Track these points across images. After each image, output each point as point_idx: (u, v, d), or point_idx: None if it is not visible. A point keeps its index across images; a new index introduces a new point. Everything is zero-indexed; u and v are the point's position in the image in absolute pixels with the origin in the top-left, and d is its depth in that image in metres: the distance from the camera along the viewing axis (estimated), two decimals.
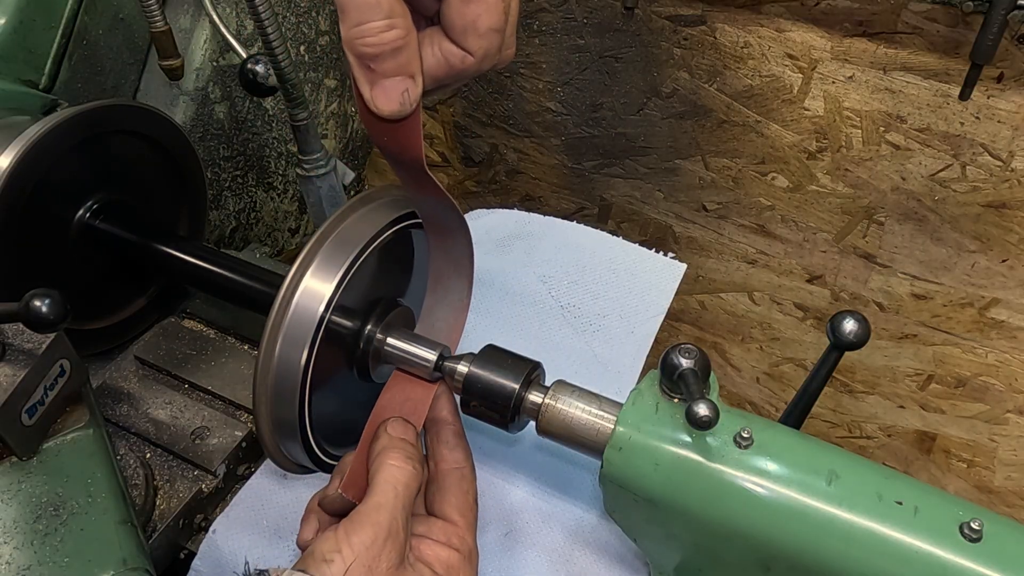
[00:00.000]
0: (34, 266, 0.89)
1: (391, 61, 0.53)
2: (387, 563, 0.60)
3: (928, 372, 1.55)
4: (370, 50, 0.52)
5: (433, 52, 0.56)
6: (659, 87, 1.50)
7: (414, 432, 0.70)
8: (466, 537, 0.68)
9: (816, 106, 1.38)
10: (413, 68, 0.54)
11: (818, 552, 0.61)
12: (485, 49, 0.56)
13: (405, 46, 0.53)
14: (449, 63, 0.56)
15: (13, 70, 1.00)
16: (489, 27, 0.54)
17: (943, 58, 1.25)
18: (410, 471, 0.65)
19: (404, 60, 0.53)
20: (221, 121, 1.31)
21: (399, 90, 0.54)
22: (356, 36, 0.52)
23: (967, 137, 1.29)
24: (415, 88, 0.55)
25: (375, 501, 0.63)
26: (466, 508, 0.70)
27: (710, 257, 1.66)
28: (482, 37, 0.55)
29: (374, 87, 0.54)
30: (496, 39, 0.55)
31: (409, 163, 0.65)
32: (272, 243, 1.55)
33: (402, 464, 0.65)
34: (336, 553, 0.59)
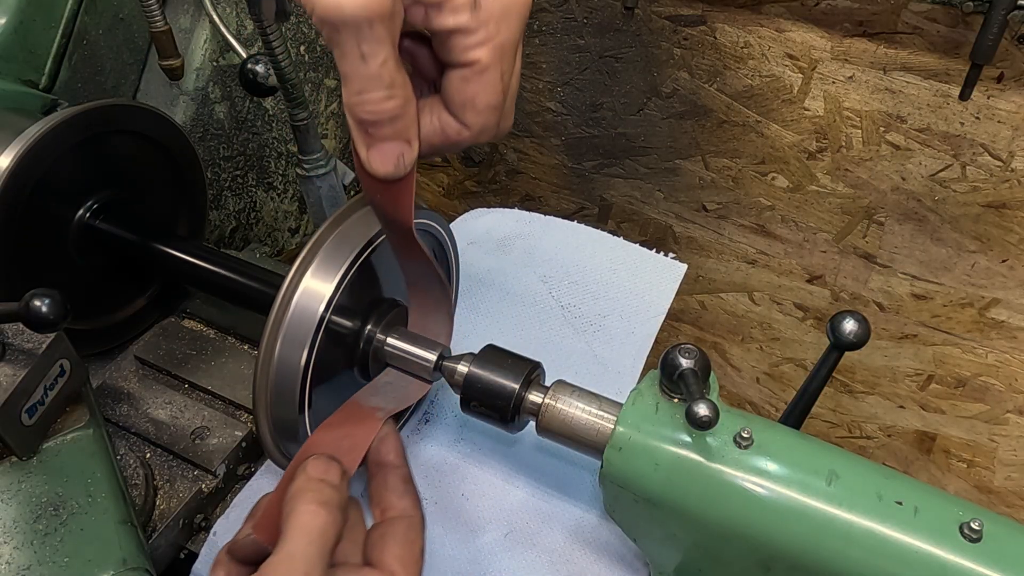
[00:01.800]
0: (34, 266, 0.89)
1: (388, 127, 0.54)
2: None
3: (928, 372, 1.55)
4: (369, 117, 0.54)
5: (431, 121, 0.57)
6: (659, 87, 1.50)
7: (338, 472, 0.62)
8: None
9: (816, 106, 1.39)
10: (410, 134, 0.56)
11: (818, 552, 0.61)
12: (482, 125, 0.56)
13: (403, 114, 0.54)
14: (446, 133, 0.57)
15: (13, 70, 1.00)
16: (487, 105, 0.55)
17: (943, 58, 1.25)
18: (324, 518, 0.57)
19: (401, 127, 0.55)
20: (221, 121, 1.31)
21: (395, 153, 0.56)
22: (356, 103, 0.53)
23: (967, 137, 1.29)
24: (410, 153, 0.56)
25: (286, 550, 0.56)
26: (410, 560, 0.62)
27: (710, 257, 1.66)
28: (479, 114, 0.56)
29: (371, 149, 0.56)
30: (493, 116, 0.56)
31: (398, 226, 0.66)
32: (272, 243, 1.55)
33: (316, 509, 0.58)
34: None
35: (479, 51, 0.52)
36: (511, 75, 0.55)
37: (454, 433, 0.90)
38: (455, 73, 0.54)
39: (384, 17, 0.48)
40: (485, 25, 0.51)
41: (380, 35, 0.49)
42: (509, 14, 0.52)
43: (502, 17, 0.51)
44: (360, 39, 0.49)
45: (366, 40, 0.49)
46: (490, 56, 0.52)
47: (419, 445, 0.90)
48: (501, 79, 0.54)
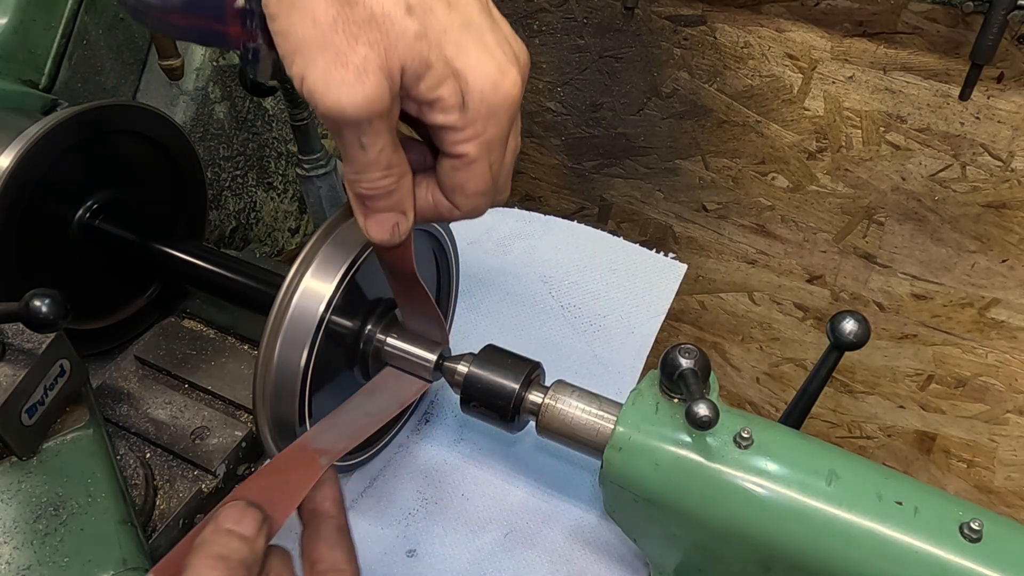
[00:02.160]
0: (34, 266, 0.89)
1: (384, 201, 0.58)
2: None
3: (928, 372, 1.55)
4: (366, 192, 0.57)
5: (425, 196, 0.60)
6: (659, 87, 1.50)
7: (253, 523, 0.55)
8: None
9: (816, 106, 1.39)
10: (405, 206, 0.59)
11: (818, 552, 0.61)
12: (472, 207, 0.60)
13: (398, 189, 0.57)
14: (438, 210, 0.60)
15: (13, 70, 1.00)
16: (475, 191, 0.58)
17: (943, 58, 1.25)
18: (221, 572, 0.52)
19: (396, 200, 0.58)
20: (221, 121, 1.31)
21: (390, 223, 0.59)
22: (355, 181, 0.57)
23: (967, 137, 1.29)
24: (406, 223, 0.60)
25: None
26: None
27: (710, 257, 1.66)
28: (468, 199, 0.59)
29: (368, 219, 0.59)
30: (483, 200, 0.59)
31: (402, 275, 0.69)
32: (272, 243, 1.55)
33: (214, 563, 0.52)
34: None
35: (467, 146, 0.55)
36: (500, 163, 0.58)
37: (454, 433, 0.90)
38: (446, 161, 0.57)
39: (382, 115, 0.52)
40: (472, 124, 0.54)
41: (378, 128, 0.52)
42: (496, 113, 0.54)
43: (489, 117, 0.54)
44: (360, 133, 0.52)
45: (365, 134, 0.52)
46: (477, 151, 0.55)
47: (419, 445, 0.90)
48: (489, 169, 0.57)
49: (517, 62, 0.55)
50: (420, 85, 0.52)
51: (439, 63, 0.52)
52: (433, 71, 0.52)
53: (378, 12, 0.50)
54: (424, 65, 0.51)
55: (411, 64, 0.51)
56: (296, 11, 0.50)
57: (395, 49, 0.50)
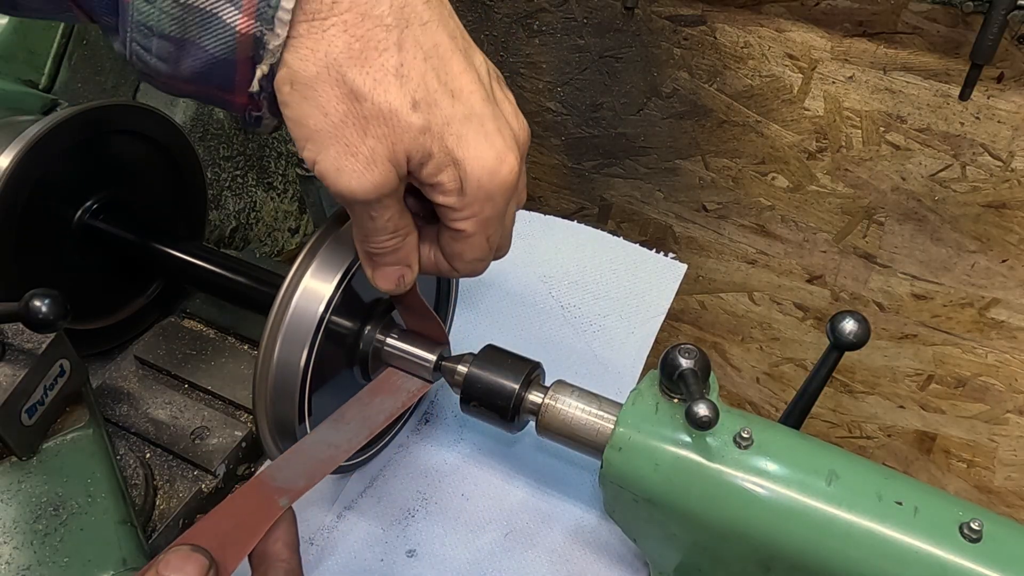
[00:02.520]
0: (34, 266, 0.89)
1: (390, 256, 0.63)
2: None
3: (928, 372, 1.55)
4: (374, 251, 0.62)
5: (428, 254, 0.65)
6: (659, 87, 1.50)
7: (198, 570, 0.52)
8: None
9: (816, 106, 1.38)
10: (410, 261, 0.64)
11: (818, 552, 0.61)
12: (471, 271, 0.65)
13: (403, 247, 0.62)
14: (439, 268, 0.65)
15: (13, 70, 1.00)
16: (473, 259, 0.63)
17: (943, 58, 1.25)
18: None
19: (402, 256, 0.63)
20: (221, 121, 1.31)
21: (396, 275, 0.64)
22: (363, 242, 0.62)
23: (967, 137, 1.29)
24: (411, 274, 0.65)
25: None
26: None
27: (710, 257, 1.66)
28: (467, 264, 0.64)
29: (375, 271, 0.64)
30: (481, 265, 0.64)
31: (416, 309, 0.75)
32: (272, 243, 1.55)
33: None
34: None
35: (464, 224, 0.59)
36: (499, 234, 0.62)
37: (454, 433, 0.90)
38: (446, 233, 0.61)
39: (389, 193, 0.56)
40: (470, 206, 0.58)
41: (387, 204, 0.57)
42: (492, 197, 0.58)
43: (486, 200, 0.58)
44: (369, 209, 0.57)
45: (375, 209, 0.57)
46: (475, 227, 0.60)
47: (419, 445, 0.90)
48: (487, 242, 0.62)
49: (516, 145, 0.58)
50: (423, 171, 0.56)
51: (440, 153, 0.55)
52: (435, 160, 0.55)
53: (385, 109, 0.52)
54: (427, 155, 0.55)
55: (415, 154, 0.54)
56: (308, 103, 0.52)
57: (401, 142, 0.54)
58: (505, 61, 1.58)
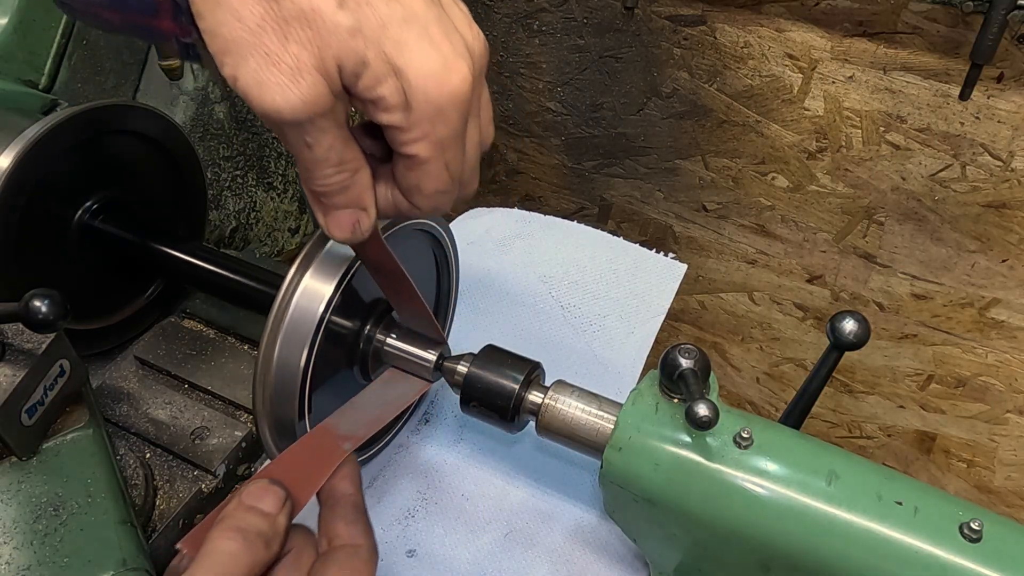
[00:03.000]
0: (34, 266, 0.89)
1: (340, 197, 0.55)
2: None
3: (928, 372, 1.55)
4: (320, 189, 0.55)
5: (385, 194, 0.57)
6: (659, 87, 1.50)
7: (275, 501, 0.58)
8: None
9: (816, 106, 1.39)
10: (364, 202, 0.56)
11: (818, 552, 0.61)
12: (433, 206, 0.57)
13: (353, 184, 0.55)
14: (399, 208, 0.58)
15: (13, 70, 1.00)
16: (433, 191, 0.56)
17: (943, 58, 1.25)
18: (238, 544, 0.55)
19: (354, 195, 0.56)
20: (221, 121, 1.31)
21: (350, 221, 0.57)
22: (307, 178, 0.54)
23: (967, 137, 1.29)
24: (367, 219, 0.57)
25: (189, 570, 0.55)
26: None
27: (710, 257, 1.66)
28: (427, 198, 0.56)
29: (327, 216, 0.57)
30: (443, 198, 0.57)
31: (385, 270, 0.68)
32: (272, 243, 1.55)
33: (232, 535, 0.55)
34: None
35: (416, 147, 0.52)
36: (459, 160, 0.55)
37: (454, 433, 0.90)
38: (399, 161, 0.54)
39: (324, 113, 0.49)
40: (419, 124, 0.51)
41: (322, 126, 0.50)
42: (444, 112, 0.51)
43: (436, 116, 0.51)
44: (303, 133, 0.50)
45: (308, 133, 0.50)
46: (429, 151, 0.53)
47: (419, 445, 0.90)
48: (445, 169, 0.54)
49: (469, 54, 0.52)
50: (359, 84, 0.49)
51: (377, 60, 0.49)
52: (371, 69, 0.49)
53: (307, 7, 0.47)
54: (361, 63, 0.49)
55: (347, 62, 0.48)
56: (221, 8, 0.47)
57: (328, 47, 0.48)
58: (505, 61, 1.59)
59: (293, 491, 0.59)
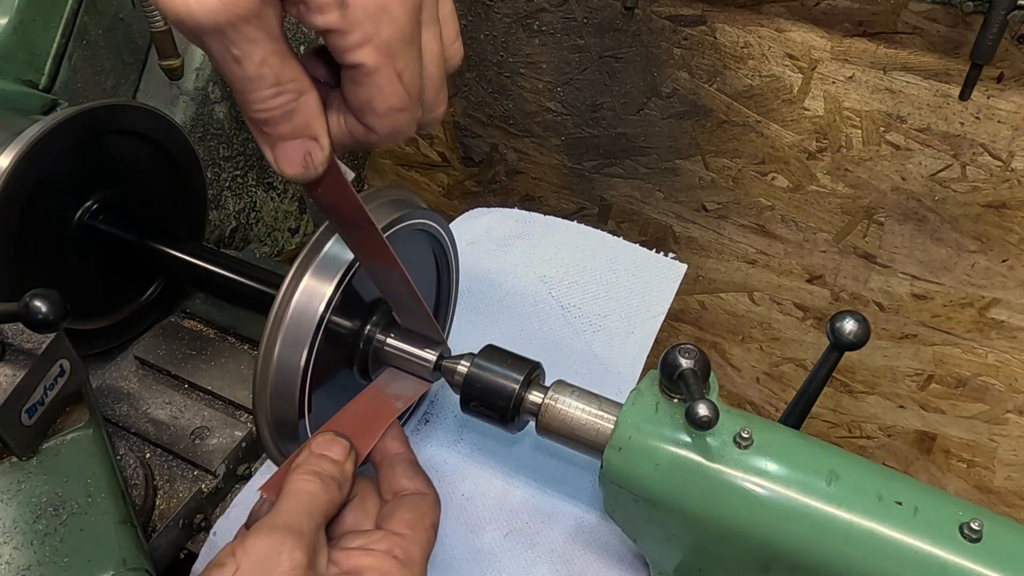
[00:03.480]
0: (34, 266, 0.89)
1: (285, 125, 0.49)
2: (290, 563, 0.55)
3: (928, 372, 1.55)
4: (259, 115, 0.48)
5: (339, 121, 0.52)
6: (659, 87, 1.50)
7: (342, 450, 0.65)
8: (411, 550, 0.62)
9: (816, 106, 1.38)
10: (314, 130, 0.50)
11: (818, 552, 0.61)
12: (390, 128, 0.51)
13: (297, 109, 0.49)
14: (354, 136, 0.52)
15: (13, 70, 1.00)
16: (387, 108, 0.50)
17: (943, 58, 1.25)
18: (316, 485, 0.61)
19: (300, 123, 0.49)
20: (221, 121, 1.31)
21: (300, 153, 0.51)
22: (244, 103, 0.48)
23: (967, 137, 1.29)
24: (320, 151, 0.51)
25: (275, 509, 0.60)
26: (418, 525, 0.64)
27: (710, 257, 1.66)
28: (381, 118, 0.50)
29: (274, 149, 0.51)
30: (400, 117, 0.50)
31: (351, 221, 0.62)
32: (272, 243, 1.55)
33: (309, 478, 0.62)
34: (229, 557, 0.56)
35: (360, 53, 0.46)
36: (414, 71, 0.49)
37: (454, 433, 0.90)
38: (345, 75, 0.49)
39: (248, 18, 0.44)
40: (360, 26, 0.45)
41: (250, 35, 0.44)
42: (387, 10, 0.46)
43: (379, 14, 0.45)
44: (227, 44, 0.44)
45: (234, 44, 0.44)
46: (376, 58, 0.47)
47: (419, 445, 0.90)
48: (398, 79, 0.48)
49: None
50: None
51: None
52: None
53: None
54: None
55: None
56: None
57: None
58: (505, 61, 1.59)
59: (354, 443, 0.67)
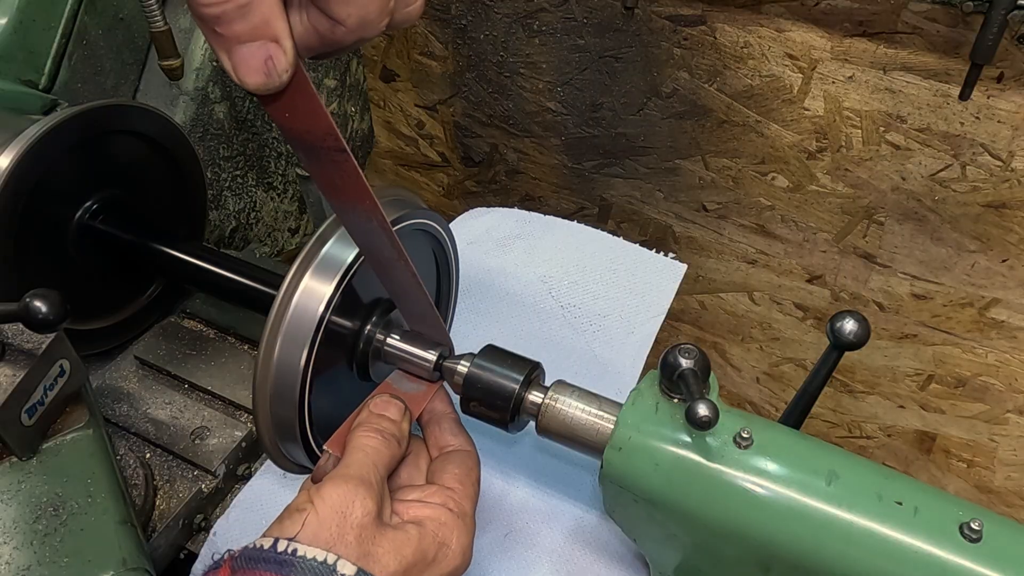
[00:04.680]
0: (34, 266, 0.89)
1: (240, 23, 0.43)
2: (362, 511, 0.59)
3: (928, 372, 1.55)
4: (211, 11, 0.43)
5: (301, 18, 0.46)
6: (659, 87, 1.50)
7: (398, 410, 0.70)
8: (463, 503, 0.67)
9: (816, 106, 1.38)
10: (274, 31, 0.44)
11: (818, 552, 0.61)
12: (359, 17, 0.45)
13: (253, 4, 0.43)
14: (321, 34, 0.46)
15: (13, 70, 1.00)
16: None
17: (943, 58, 1.25)
18: (378, 440, 0.66)
19: (258, 22, 0.43)
20: (221, 121, 1.31)
21: (260, 58, 0.45)
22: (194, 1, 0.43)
23: (967, 137, 1.29)
24: (283, 56, 0.45)
25: (344, 462, 0.65)
26: (467, 480, 0.69)
27: (710, 257, 1.66)
28: (347, 6, 0.44)
29: (231, 55, 0.45)
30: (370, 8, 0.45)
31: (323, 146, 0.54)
32: (272, 243, 1.55)
33: (372, 434, 0.67)
34: (307, 503, 0.60)
35: None
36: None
37: None
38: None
39: None
40: None
41: None
42: None
43: None
44: None
45: None
46: None
47: None
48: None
49: None
50: None
51: None
52: None
53: None
54: None
55: None
56: None
57: None
58: (505, 61, 1.59)
59: None
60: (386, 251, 0.65)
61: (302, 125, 0.51)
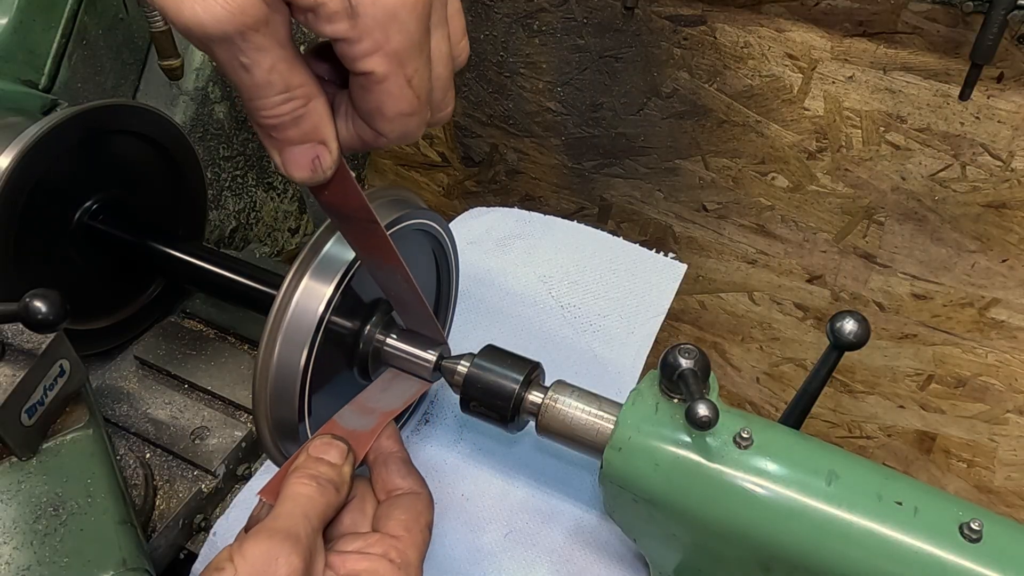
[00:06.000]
0: (34, 266, 0.89)
1: (293, 130, 0.49)
2: (286, 569, 0.56)
3: (928, 372, 1.55)
4: (268, 122, 0.49)
5: (347, 125, 0.52)
6: (659, 87, 1.50)
7: (339, 453, 0.66)
8: (407, 552, 0.63)
9: (816, 106, 1.39)
10: (322, 135, 0.50)
11: (818, 552, 0.61)
12: (400, 132, 0.51)
13: (307, 115, 0.49)
14: (363, 139, 0.52)
15: (13, 70, 1.00)
16: (397, 113, 0.49)
17: (943, 58, 1.25)
18: (313, 489, 0.62)
19: (309, 128, 0.50)
20: (221, 121, 1.31)
21: (308, 157, 0.51)
22: (252, 110, 0.48)
23: (967, 137, 1.29)
24: (328, 155, 0.51)
25: (272, 513, 0.61)
26: (414, 526, 0.65)
27: (710, 257, 1.66)
28: (390, 122, 0.50)
29: (283, 154, 0.51)
30: (410, 122, 0.50)
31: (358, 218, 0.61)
32: (272, 243, 1.55)
33: (307, 481, 0.63)
34: (227, 562, 0.56)
35: (370, 61, 0.46)
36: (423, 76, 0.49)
37: (454, 433, 0.90)
38: (354, 81, 0.48)
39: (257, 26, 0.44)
40: (370, 34, 0.45)
41: (259, 43, 0.44)
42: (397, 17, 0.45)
43: (389, 22, 0.45)
44: (236, 52, 0.44)
45: (243, 52, 0.44)
46: (385, 66, 0.47)
47: (419, 445, 0.90)
48: (408, 85, 0.48)
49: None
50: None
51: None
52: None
53: None
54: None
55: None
56: None
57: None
58: (505, 61, 1.59)
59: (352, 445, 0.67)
60: (407, 295, 0.72)
61: (339, 201, 0.58)
